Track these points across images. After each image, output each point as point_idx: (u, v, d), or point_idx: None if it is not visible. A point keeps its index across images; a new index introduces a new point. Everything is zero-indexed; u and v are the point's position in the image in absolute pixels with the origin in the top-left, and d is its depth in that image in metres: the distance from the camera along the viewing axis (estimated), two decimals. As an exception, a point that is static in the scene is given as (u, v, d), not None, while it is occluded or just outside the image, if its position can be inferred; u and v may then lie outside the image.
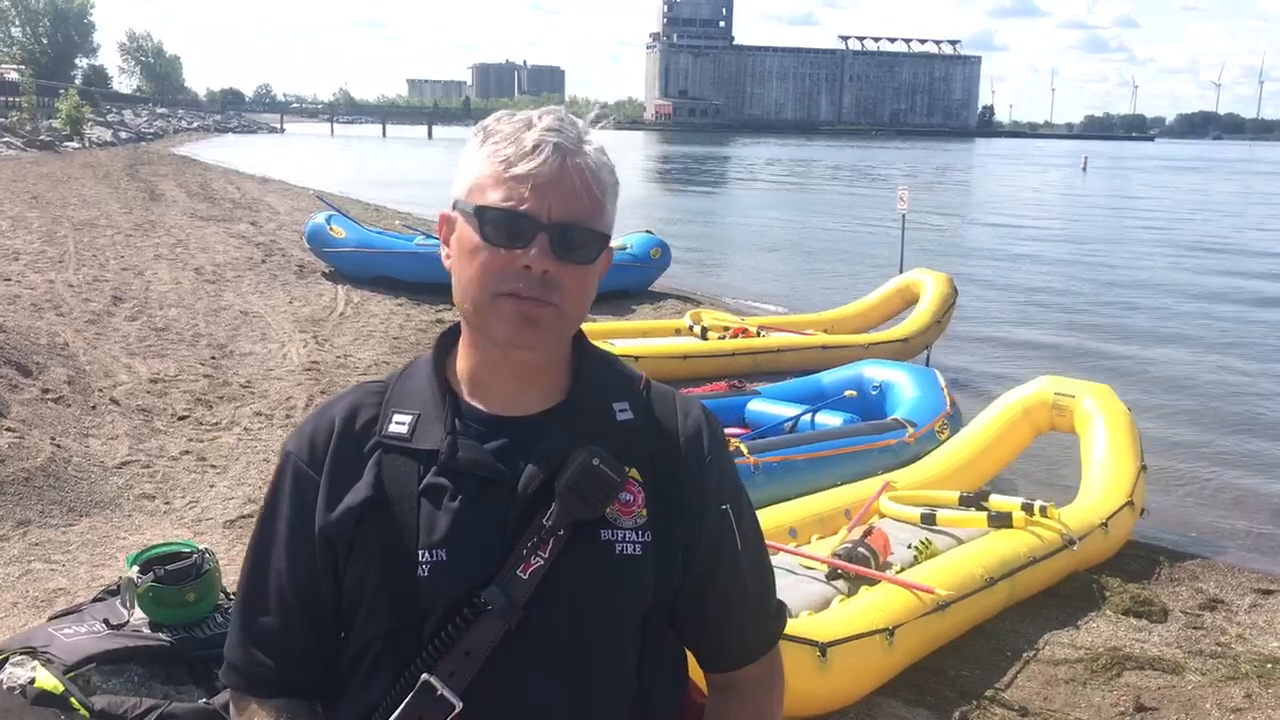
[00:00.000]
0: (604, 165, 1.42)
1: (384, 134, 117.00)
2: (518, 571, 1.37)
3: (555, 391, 1.48)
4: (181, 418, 7.59)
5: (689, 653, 1.59)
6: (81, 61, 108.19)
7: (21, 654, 2.90)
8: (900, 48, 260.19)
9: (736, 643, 1.56)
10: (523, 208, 1.35)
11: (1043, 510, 5.46)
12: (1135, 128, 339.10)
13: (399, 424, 1.45)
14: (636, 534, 1.42)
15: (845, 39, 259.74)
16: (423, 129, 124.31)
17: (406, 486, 1.41)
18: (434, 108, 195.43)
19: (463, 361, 1.49)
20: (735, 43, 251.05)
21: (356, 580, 1.41)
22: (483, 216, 1.37)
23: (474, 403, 1.47)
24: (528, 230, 1.36)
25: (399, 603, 1.39)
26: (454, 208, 1.44)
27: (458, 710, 1.35)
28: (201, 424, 7.50)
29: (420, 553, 1.38)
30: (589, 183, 1.38)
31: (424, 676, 1.36)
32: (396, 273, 13.77)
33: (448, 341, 1.54)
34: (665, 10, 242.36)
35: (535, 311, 1.37)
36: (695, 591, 1.49)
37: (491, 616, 1.36)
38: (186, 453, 6.84)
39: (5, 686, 2.85)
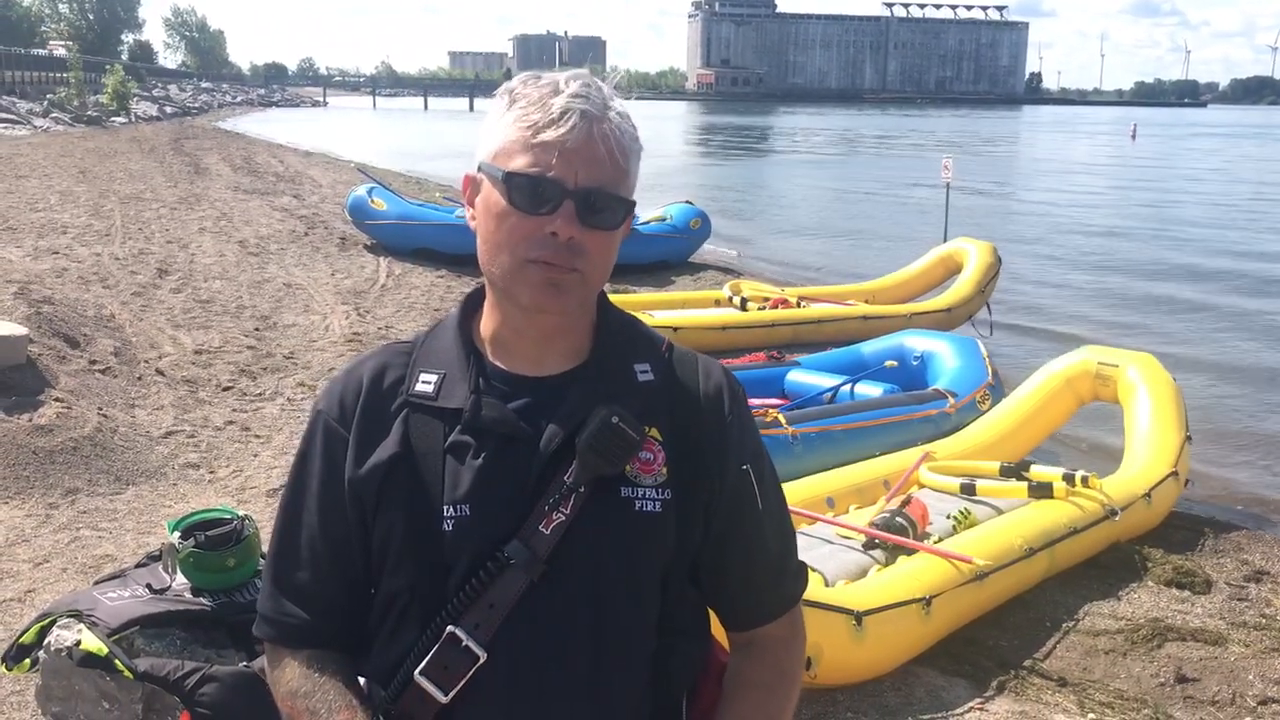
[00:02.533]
0: (628, 131, 1.42)
1: (425, 107, 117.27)
2: (540, 527, 1.39)
3: (577, 353, 1.50)
4: (225, 388, 7.69)
5: (712, 612, 1.60)
6: (127, 37, 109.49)
7: (68, 617, 2.97)
8: (946, 14, 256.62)
9: (757, 601, 1.57)
10: (549, 174, 1.36)
11: (1084, 480, 5.40)
12: (1187, 94, 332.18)
13: (425, 383, 1.47)
14: (656, 491, 1.44)
15: (890, 5, 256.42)
16: (464, 101, 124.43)
17: (432, 444, 1.43)
18: (475, 80, 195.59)
19: (487, 323, 1.51)
20: (778, 11, 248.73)
21: (383, 534, 1.44)
22: (510, 182, 1.38)
23: (498, 363, 1.49)
24: (554, 196, 1.37)
25: (424, 556, 1.41)
26: (479, 170, 1.44)
27: (482, 661, 1.38)
28: (245, 394, 7.60)
29: (445, 508, 1.40)
30: (614, 149, 1.39)
31: (449, 628, 1.39)
32: (437, 245, 13.81)
33: (473, 303, 1.56)
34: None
35: (560, 277, 1.39)
36: (716, 550, 1.51)
37: (514, 570, 1.38)
38: (230, 423, 6.93)
39: (53, 648, 2.92)
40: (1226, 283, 15.31)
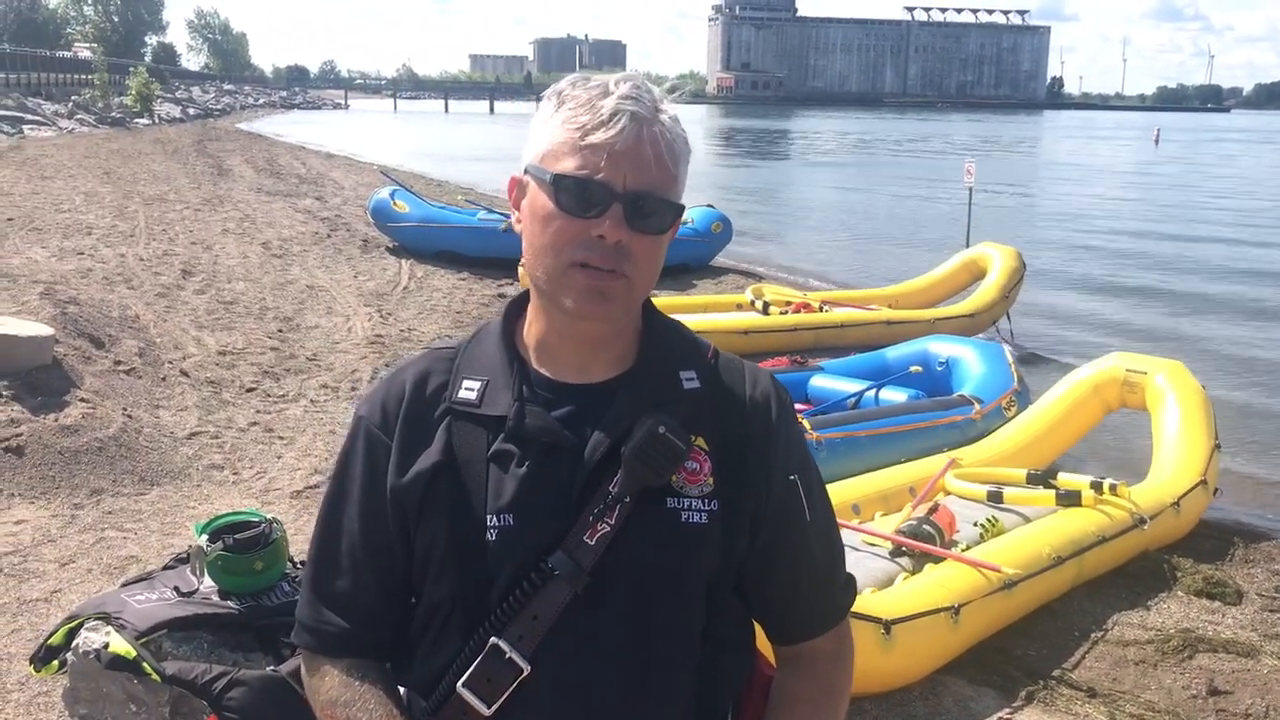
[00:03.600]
0: (678, 134, 1.40)
1: (446, 109, 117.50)
2: (584, 538, 1.37)
3: (623, 359, 1.48)
4: (249, 389, 7.70)
5: (758, 625, 1.57)
6: (151, 39, 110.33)
7: (96, 619, 2.97)
8: (967, 18, 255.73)
9: (804, 614, 1.54)
10: (598, 176, 1.34)
11: (1112, 489, 5.35)
12: (1210, 99, 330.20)
13: (468, 390, 1.45)
14: (703, 502, 1.41)
15: (911, 10, 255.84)
16: (485, 104, 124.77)
17: (475, 452, 1.42)
18: (496, 83, 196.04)
19: (531, 329, 1.49)
20: (798, 14, 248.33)
21: (426, 543, 1.43)
22: (558, 184, 1.36)
23: (542, 370, 1.47)
24: (602, 199, 1.34)
25: (467, 566, 1.40)
26: (525, 172, 1.42)
27: (526, 673, 1.36)
28: (269, 396, 7.61)
29: (488, 517, 1.39)
30: (663, 152, 1.37)
31: (493, 640, 1.37)
32: (459, 247, 13.84)
33: (516, 309, 1.54)
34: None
35: (606, 284, 1.37)
36: (762, 561, 1.48)
37: (558, 582, 1.36)
38: (254, 424, 6.94)
39: (81, 651, 2.91)
40: (1254, 289, 15.17)
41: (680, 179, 1.42)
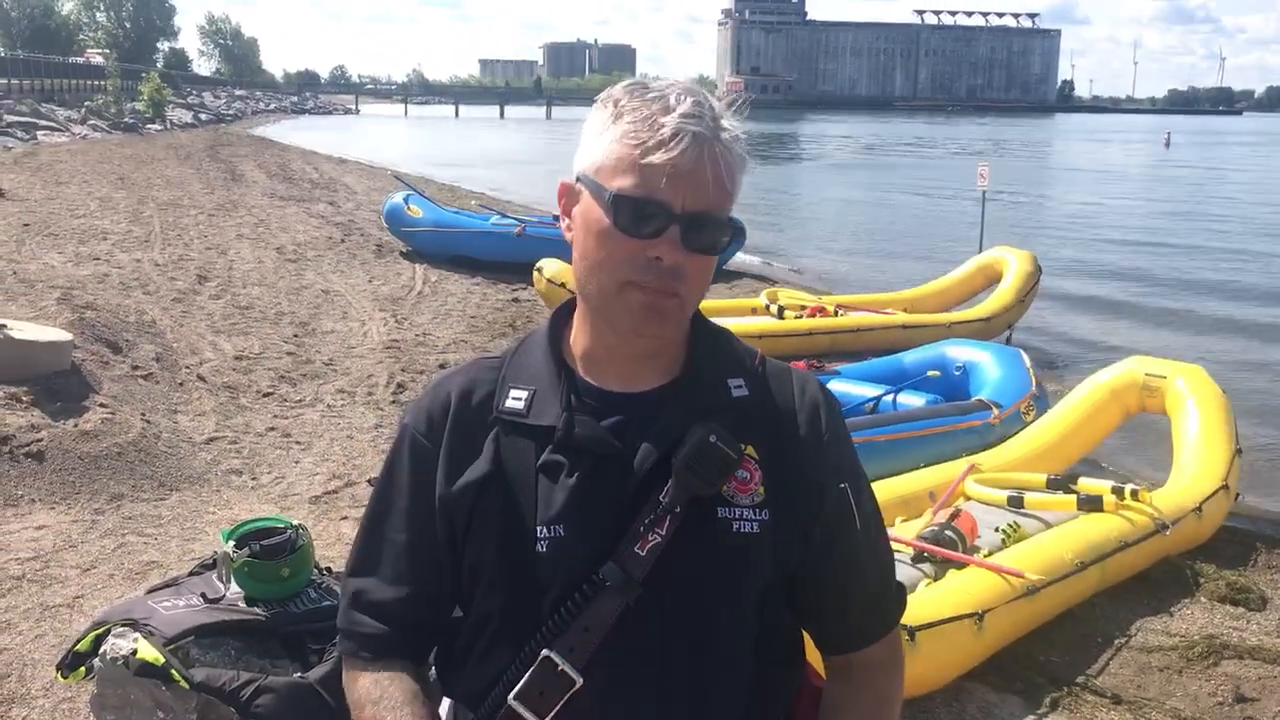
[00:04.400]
0: (738, 152, 1.38)
1: (457, 114, 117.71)
2: (635, 548, 1.36)
3: (670, 368, 1.47)
4: (266, 394, 7.71)
5: (806, 635, 1.56)
6: (163, 45, 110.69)
7: (123, 626, 2.97)
8: (977, 21, 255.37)
9: (855, 624, 1.53)
10: (656, 197, 1.32)
11: (1134, 493, 5.32)
12: (1222, 101, 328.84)
13: (515, 399, 1.44)
14: (754, 512, 1.40)
15: (921, 13, 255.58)
16: (495, 109, 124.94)
17: (524, 462, 1.41)
18: (506, 88, 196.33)
19: (578, 338, 1.48)
20: (808, 18, 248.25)
21: (475, 555, 1.42)
22: (616, 203, 1.33)
23: (589, 379, 1.45)
24: (660, 221, 1.33)
25: (518, 578, 1.39)
26: (577, 180, 1.40)
27: (578, 685, 1.35)
28: (286, 401, 7.62)
29: (539, 529, 1.38)
30: (722, 172, 1.35)
31: (544, 652, 1.36)
32: (472, 252, 13.86)
33: (562, 317, 1.52)
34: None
35: (661, 303, 1.35)
36: (812, 571, 1.47)
37: (610, 593, 1.35)
38: (272, 429, 6.95)
39: (108, 657, 2.91)
40: (1272, 291, 15.10)
41: (737, 193, 1.40)
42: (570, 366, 1.47)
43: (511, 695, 1.37)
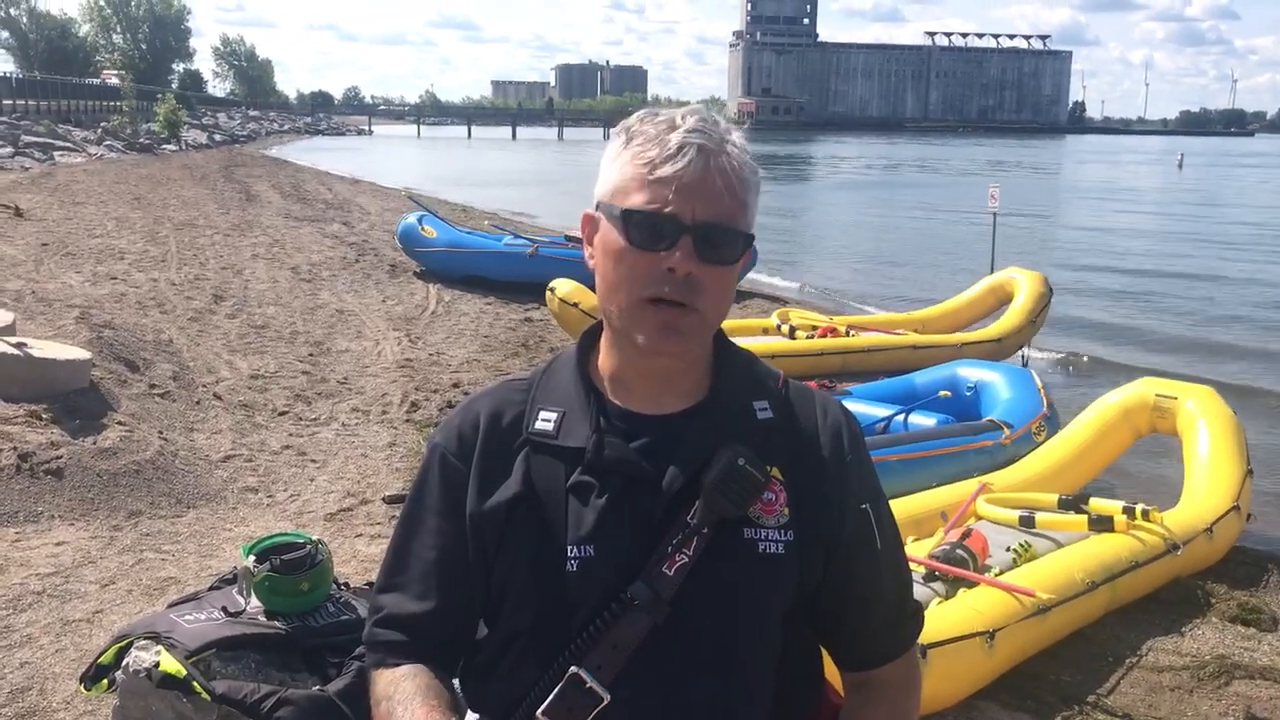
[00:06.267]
0: (746, 164, 1.43)
1: (469, 135, 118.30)
2: (663, 568, 1.39)
3: (696, 390, 1.50)
4: (282, 413, 7.77)
5: (825, 652, 1.60)
6: (178, 66, 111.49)
7: (146, 639, 3.01)
8: (988, 43, 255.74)
9: (875, 641, 1.57)
10: (667, 210, 1.36)
11: (1145, 514, 5.34)
12: (1234, 123, 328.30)
13: (545, 421, 1.48)
14: (779, 533, 1.44)
15: (932, 35, 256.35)
16: (507, 130, 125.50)
17: (554, 483, 1.44)
18: (518, 109, 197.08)
19: (605, 361, 1.51)
20: (819, 40, 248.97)
21: (505, 573, 1.45)
22: (628, 219, 1.38)
23: (617, 401, 1.49)
24: (672, 232, 1.37)
25: (548, 595, 1.42)
26: (597, 208, 1.45)
27: (606, 702, 1.37)
28: (301, 419, 7.68)
29: (569, 548, 1.41)
30: (732, 183, 1.39)
31: (573, 668, 1.38)
32: (485, 272, 13.95)
33: (589, 340, 1.56)
34: (748, 8, 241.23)
35: (678, 320, 1.39)
36: (834, 590, 1.50)
37: (638, 612, 1.38)
38: (287, 447, 7.00)
39: (131, 669, 2.96)
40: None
41: (750, 207, 1.44)
42: (599, 389, 1.50)
43: (540, 710, 1.39)
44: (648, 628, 1.38)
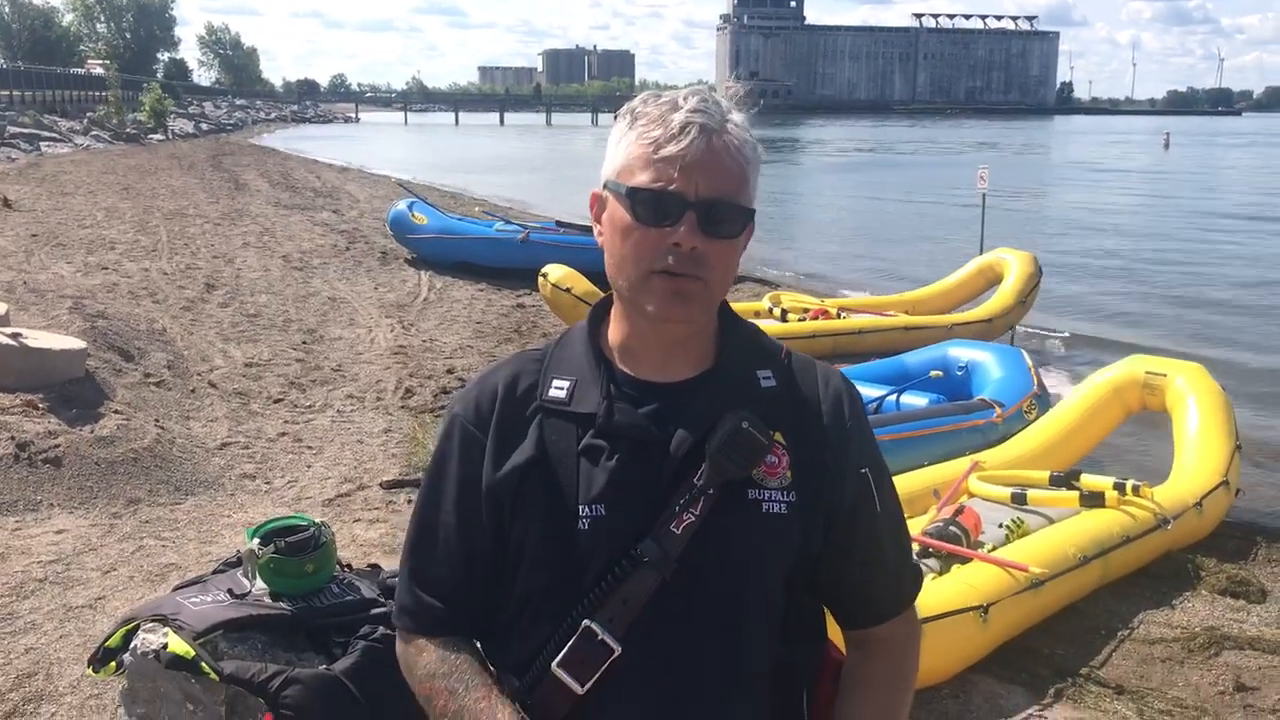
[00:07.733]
0: (747, 142, 1.49)
1: (457, 122, 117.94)
2: (671, 527, 1.45)
3: (702, 359, 1.56)
4: (276, 400, 7.80)
5: (827, 611, 1.65)
6: (163, 55, 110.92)
7: (153, 621, 3.05)
8: (975, 24, 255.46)
9: (876, 600, 1.62)
10: (671, 187, 1.42)
11: (1135, 489, 5.40)
12: (1221, 102, 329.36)
13: (558, 389, 1.54)
14: (782, 494, 1.49)
15: (919, 16, 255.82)
16: (495, 116, 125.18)
17: (566, 447, 1.50)
18: (505, 95, 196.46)
19: (614, 331, 1.58)
20: (806, 22, 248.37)
21: (521, 534, 1.51)
22: (634, 197, 1.44)
23: (626, 370, 1.55)
24: (676, 209, 1.43)
25: (561, 554, 1.48)
26: (604, 187, 1.51)
27: (617, 654, 1.44)
28: (296, 406, 7.71)
29: (581, 508, 1.47)
30: (733, 160, 1.45)
31: (585, 622, 1.45)
32: (476, 258, 13.97)
33: (600, 312, 1.62)
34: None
35: (685, 286, 1.45)
36: (835, 552, 1.56)
37: (647, 568, 1.44)
38: (283, 434, 7.04)
39: (139, 651, 2.99)
40: (1271, 291, 15.18)
41: (751, 183, 1.50)
42: (609, 359, 1.56)
43: (555, 663, 1.46)
44: (656, 583, 1.44)
